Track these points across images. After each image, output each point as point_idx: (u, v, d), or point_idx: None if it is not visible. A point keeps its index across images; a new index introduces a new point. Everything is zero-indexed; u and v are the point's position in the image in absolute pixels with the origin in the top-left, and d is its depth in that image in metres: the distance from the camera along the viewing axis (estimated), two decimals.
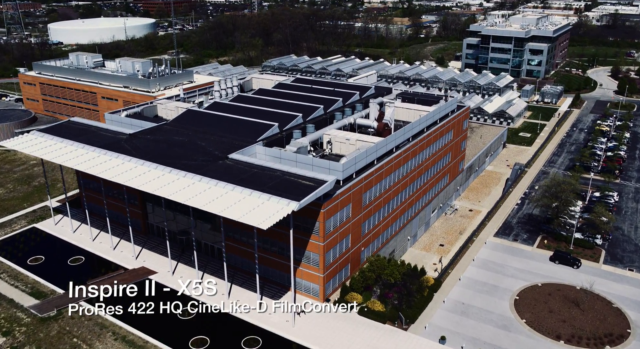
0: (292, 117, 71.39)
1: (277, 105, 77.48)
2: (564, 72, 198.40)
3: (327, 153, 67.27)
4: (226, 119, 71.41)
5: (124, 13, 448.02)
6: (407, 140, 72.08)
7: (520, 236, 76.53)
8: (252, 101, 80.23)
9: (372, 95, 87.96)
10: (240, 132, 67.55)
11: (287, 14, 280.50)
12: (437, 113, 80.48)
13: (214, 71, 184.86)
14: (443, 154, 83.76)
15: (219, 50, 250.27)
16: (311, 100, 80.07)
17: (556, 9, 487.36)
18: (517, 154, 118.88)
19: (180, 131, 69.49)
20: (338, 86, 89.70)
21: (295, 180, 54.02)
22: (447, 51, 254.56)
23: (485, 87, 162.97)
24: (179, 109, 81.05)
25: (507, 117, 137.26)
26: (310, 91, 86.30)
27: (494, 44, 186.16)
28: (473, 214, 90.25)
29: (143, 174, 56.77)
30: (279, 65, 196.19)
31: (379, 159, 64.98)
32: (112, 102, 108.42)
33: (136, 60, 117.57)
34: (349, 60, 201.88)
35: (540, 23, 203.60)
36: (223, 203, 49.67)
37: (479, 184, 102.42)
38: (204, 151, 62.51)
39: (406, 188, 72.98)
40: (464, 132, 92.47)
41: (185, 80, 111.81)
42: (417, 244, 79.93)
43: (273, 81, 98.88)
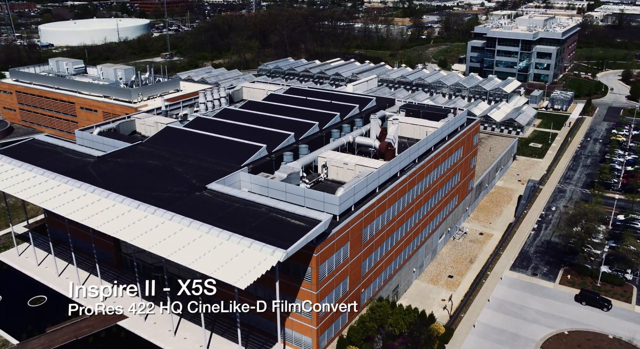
0: (283, 137, 63.14)
1: (267, 121, 69.23)
2: (572, 76, 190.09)
3: (322, 179, 59.03)
4: (208, 139, 63.15)
5: (120, 13, 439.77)
6: (412, 161, 63.90)
7: (540, 270, 68.24)
8: (239, 116, 71.95)
9: (373, 108, 79.73)
10: (223, 155, 59.31)
11: (284, 14, 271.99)
12: (445, 129, 72.26)
13: (207, 75, 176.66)
14: (452, 174, 75.54)
15: (214, 53, 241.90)
16: (305, 115, 71.82)
17: (558, 9, 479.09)
18: (528, 167, 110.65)
19: (155, 153, 61.22)
20: (335, 98, 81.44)
21: (284, 219, 45.79)
22: (449, 53, 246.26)
23: (492, 93, 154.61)
24: (159, 125, 72.85)
25: (517, 126, 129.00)
26: (305, 103, 78.02)
27: (499, 47, 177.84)
28: (484, 238, 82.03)
29: (106, 210, 48.54)
30: (275, 69, 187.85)
31: (381, 187, 56.79)
32: (91, 113, 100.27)
33: (119, 67, 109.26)
34: (348, 63, 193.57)
35: (547, 25, 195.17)
36: (195, 251, 41.43)
37: (489, 202, 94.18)
38: (180, 180, 54.25)
39: (412, 216, 64.76)
40: (474, 148, 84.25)
41: (171, 89, 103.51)
42: (423, 276, 71.71)
43: (265, 91, 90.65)
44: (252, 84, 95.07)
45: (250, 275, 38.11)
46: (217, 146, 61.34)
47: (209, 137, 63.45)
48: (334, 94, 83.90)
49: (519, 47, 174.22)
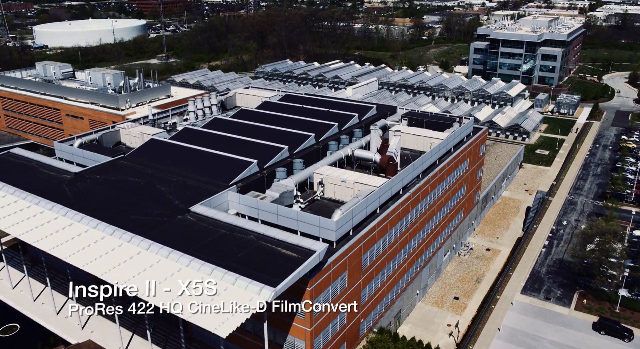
0: (276, 150, 58.39)
1: (259, 133, 64.46)
2: (578, 78, 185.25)
3: (318, 197, 54.26)
4: (195, 153, 58.39)
5: (117, 14, 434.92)
6: (416, 177, 59.18)
7: (554, 293, 63.46)
8: (229, 126, 67.17)
9: (373, 117, 74.96)
10: (210, 171, 54.54)
11: (283, 15, 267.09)
12: (451, 141, 67.52)
13: (203, 78, 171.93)
14: (457, 188, 70.77)
15: (211, 54, 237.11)
16: (301, 125, 67.05)
17: (560, 9, 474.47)
18: (535, 175, 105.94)
19: (137, 169, 56.46)
20: (333, 106, 76.65)
21: (274, 248, 41.03)
22: (451, 55, 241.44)
23: (496, 97, 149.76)
24: (144, 136, 68.14)
25: (522, 131, 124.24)
26: (300, 112, 73.24)
27: (503, 49, 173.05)
28: (491, 254, 77.33)
29: (77, 237, 43.80)
30: (272, 71, 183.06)
31: (382, 207, 52.05)
32: (77, 120, 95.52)
33: (107, 71, 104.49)
34: (348, 65, 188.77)
35: (552, 26, 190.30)
36: (173, 287, 36.67)
37: (495, 214, 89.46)
38: (162, 200, 49.49)
39: (416, 235, 60.01)
40: (480, 159, 79.49)
41: (161, 95, 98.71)
42: (427, 297, 66.99)
43: (259, 98, 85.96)
44: (245, 90, 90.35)
45: (233, 320, 33.36)
46: (205, 161, 56.58)
47: (196, 151, 58.67)
48: (331, 101, 79.11)
49: (524, 49, 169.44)
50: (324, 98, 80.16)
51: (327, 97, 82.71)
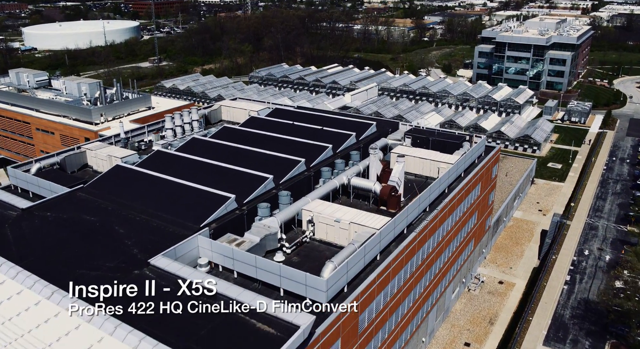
0: (259, 181, 50.05)
1: (242, 157, 56.16)
2: (587, 83, 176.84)
3: (307, 239, 45.86)
4: (165, 184, 50.05)
5: (112, 14, 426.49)
6: (423, 210, 50.92)
7: (582, 344, 55.22)
8: (207, 148, 58.84)
9: (372, 135, 66.63)
10: (181, 208, 46.22)
11: (279, 16, 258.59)
12: (461, 165, 59.22)
13: (194, 84, 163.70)
14: (468, 217, 62.47)
15: (204, 57, 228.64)
16: (289, 148, 58.75)
17: (562, 9, 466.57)
18: (548, 193, 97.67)
19: (96, 204, 48.12)
20: (328, 122, 68.31)
21: (247, 321, 32.72)
22: (454, 57, 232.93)
23: (503, 104, 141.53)
24: (112, 160, 59.86)
25: (533, 143, 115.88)
26: (290, 130, 64.89)
27: (509, 52, 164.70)
28: (505, 288, 69.05)
29: (7, 301, 35.48)
30: (267, 76, 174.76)
31: (383, 251, 43.77)
32: (48, 135, 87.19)
33: (83, 80, 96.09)
34: (346, 70, 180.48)
35: (560, 28, 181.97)
36: None
37: (507, 239, 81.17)
38: (119, 248, 41.17)
39: (422, 279, 51.71)
40: (493, 181, 71.18)
41: (141, 107, 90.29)
42: (434, 344, 58.70)
43: (246, 111, 77.69)
44: (232, 102, 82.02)
45: None
46: (175, 195, 48.23)
47: (166, 181, 50.30)
48: (326, 117, 70.72)
49: (531, 53, 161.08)
50: (317, 113, 71.78)
51: (320, 112, 74.32)
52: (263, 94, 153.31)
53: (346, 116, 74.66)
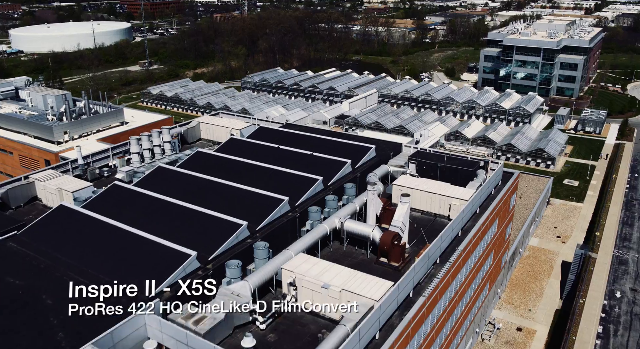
0: (231, 228, 40.61)
1: (212, 193, 46.73)
2: (599, 88, 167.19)
3: (287, 307, 36.27)
4: (113, 233, 40.57)
5: (106, 15, 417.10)
6: (433, 264, 41.49)
7: None
8: (173, 181, 49.36)
9: (371, 161, 57.15)
10: (128, 268, 36.80)
11: (275, 17, 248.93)
12: (477, 200, 49.75)
13: (183, 90, 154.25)
14: (484, 259, 52.99)
15: (197, 60, 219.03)
16: (272, 180, 49.33)
17: (565, 9, 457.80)
18: (566, 215, 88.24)
19: (28, 259, 38.68)
20: (319, 146, 58.87)
21: None
22: (457, 60, 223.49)
23: (512, 113, 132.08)
24: (63, 194, 50.44)
25: (546, 157, 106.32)
26: (275, 157, 55.42)
27: (518, 56, 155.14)
28: (524, 337, 59.62)
29: None
30: (261, 81, 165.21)
31: (384, 326, 34.34)
32: (7, 155, 77.55)
33: (50, 91, 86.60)
34: (344, 75, 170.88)
35: (570, 30, 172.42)
36: None
37: (524, 274, 71.69)
38: (42, 330, 31.69)
39: (432, 346, 42.17)
40: (510, 213, 61.69)
41: (113, 122, 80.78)
42: None
43: (227, 130, 68.29)
44: (212, 118, 72.52)
45: None
46: (126, 250, 38.80)
47: (115, 230, 40.82)
48: (317, 139, 61.16)
49: (541, 57, 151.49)
50: (307, 134, 62.17)
51: (311, 132, 64.69)
52: (255, 101, 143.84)
53: (341, 136, 65.07)
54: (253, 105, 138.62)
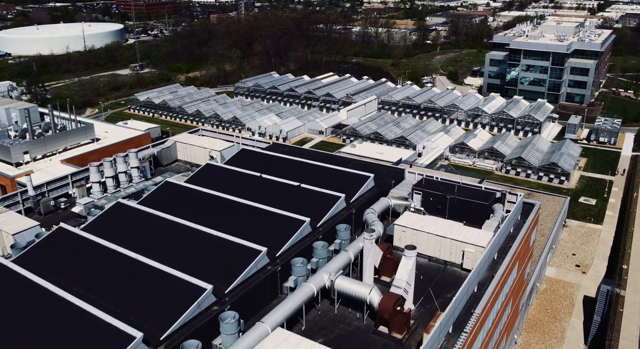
0: (193, 293, 32.40)
1: (176, 240, 38.59)
2: (611, 94, 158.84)
3: None
4: (50, 299, 32.38)
5: (101, 16, 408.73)
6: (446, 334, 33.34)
7: None
8: (132, 225, 41.21)
9: (369, 193, 48.92)
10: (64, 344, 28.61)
11: (272, 19, 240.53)
12: (496, 246, 41.60)
13: (171, 97, 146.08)
14: (502, 312, 44.75)
15: (190, 63, 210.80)
16: (250, 223, 41.20)
17: (568, 9, 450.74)
18: (584, 239, 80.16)
19: None
20: (309, 173, 50.70)
21: None
22: (460, 63, 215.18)
23: (520, 122, 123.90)
24: (3, 236, 42.35)
25: (560, 172, 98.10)
26: (255, 188, 47.27)
27: (525, 60, 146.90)
28: None
29: None
30: (254, 87, 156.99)
31: None
32: None
33: (14, 104, 78.28)
34: (342, 80, 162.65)
35: (580, 32, 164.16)
36: None
37: (542, 312, 63.56)
38: None
39: None
40: (530, 251, 53.49)
41: (82, 140, 72.50)
42: None
43: (206, 151, 60.22)
44: (190, 137, 64.36)
45: None
46: (54, 324, 30.56)
47: (48, 295, 32.62)
48: (306, 164, 52.88)
49: (550, 61, 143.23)
50: (295, 159, 53.87)
51: (300, 155, 56.40)
52: (248, 109, 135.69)
53: (334, 160, 56.79)
54: (245, 113, 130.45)
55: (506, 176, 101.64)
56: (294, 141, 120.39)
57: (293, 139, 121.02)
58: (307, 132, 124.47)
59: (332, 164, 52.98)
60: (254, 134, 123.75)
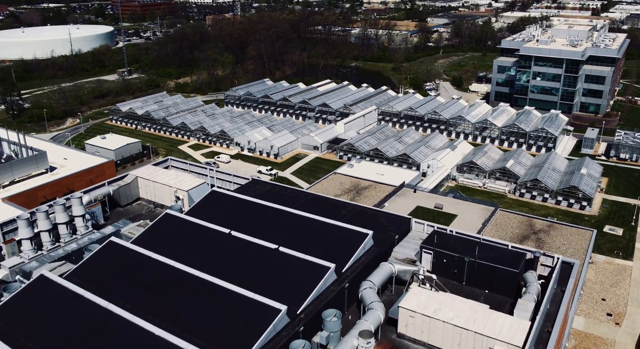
0: None
1: (105, 339, 28.36)
2: (627, 103, 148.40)
3: None
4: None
5: (94, 17, 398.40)
6: None
7: None
8: (56, 310, 31.05)
9: (366, 255, 38.71)
10: None
11: (267, 21, 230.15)
12: (534, 338, 31.43)
13: (156, 107, 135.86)
14: None
15: (180, 68, 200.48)
16: (208, 308, 31.00)
17: (571, 9, 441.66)
18: (614, 280, 70.10)
19: None
20: (291, 226, 40.58)
21: None
22: (464, 68, 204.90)
23: (534, 135, 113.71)
24: None
25: (582, 197, 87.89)
26: (221, 254, 37.12)
27: (537, 68, 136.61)
28: None
29: None
30: (245, 96, 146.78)
31: None
32: None
33: None
34: (340, 88, 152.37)
35: (594, 36, 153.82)
36: None
37: None
38: None
39: None
40: (568, 323, 43.22)
41: (32, 170, 62.10)
42: None
43: (172, 190, 50.08)
44: (154, 170, 54.19)
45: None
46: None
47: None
48: (290, 215, 42.59)
49: (563, 68, 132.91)
50: (276, 207, 43.61)
51: (282, 199, 46.13)
52: (237, 121, 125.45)
53: (324, 203, 46.52)
54: (234, 126, 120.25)
55: (520, 199, 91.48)
56: (286, 157, 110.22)
57: (285, 155, 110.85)
58: (301, 148, 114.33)
59: (322, 211, 42.76)
60: (243, 149, 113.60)
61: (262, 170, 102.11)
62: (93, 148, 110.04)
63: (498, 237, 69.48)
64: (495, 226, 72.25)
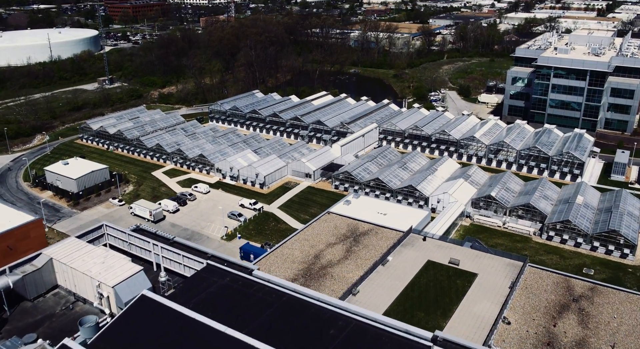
0: None
1: None
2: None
3: None
4: None
5: (84, 19, 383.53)
6: None
7: None
8: None
9: None
10: None
11: (259, 25, 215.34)
12: None
13: (132, 125, 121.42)
14: None
15: (166, 77, 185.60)
16: None
17: (576, 10, 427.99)
18: None
19: None
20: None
21: None
22: (470, 75, 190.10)
23: (557, 160, 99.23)
24: None
25: (623, 244, 73.36)
26: None
27: (556, 80, 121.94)
28: None
29: None
30: (232, 110, 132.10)
31: None
32: None
33: None
34: (337, 101, 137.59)
35: (619, 44, 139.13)
36: None
37: None
38: None
39: None
40: None
41: None
42: None
43: (95, 283, 35.71)
44: (79, 247, 39.75)
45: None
46: None
47: None
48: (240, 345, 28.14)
49: (586, 81, 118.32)
50: (231, 335, 29.23)
51: (247, 304, 31.71)
52: (220, 142, 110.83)
53: (305, 317, 32.10)
54: (216, 148, 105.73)
55: (549, 244, 77.03)
56: (273, 187, 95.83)
57: (273, 184, 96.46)
58: (291, 175, 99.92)
59: (298, 330, 28.37)
60: (224, 176, 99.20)
61: (244, 204, 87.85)
62: (53, 176, 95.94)
63: (530, 307, 55.41)
64: (526, 291, 58.25)
